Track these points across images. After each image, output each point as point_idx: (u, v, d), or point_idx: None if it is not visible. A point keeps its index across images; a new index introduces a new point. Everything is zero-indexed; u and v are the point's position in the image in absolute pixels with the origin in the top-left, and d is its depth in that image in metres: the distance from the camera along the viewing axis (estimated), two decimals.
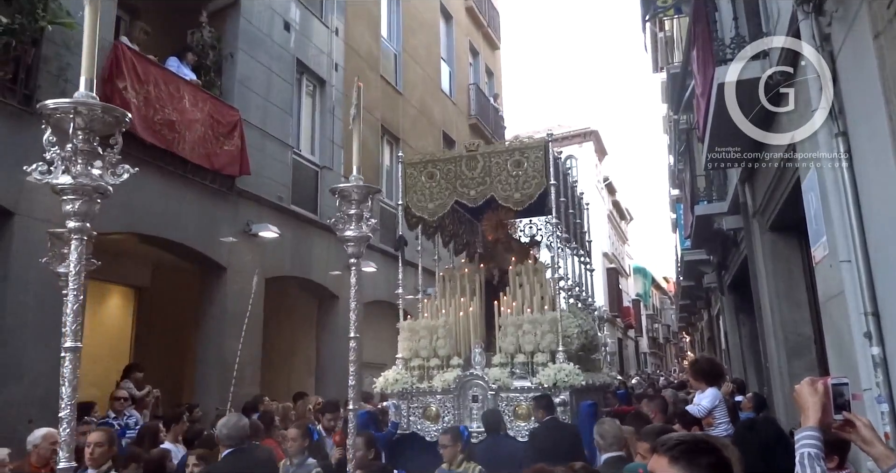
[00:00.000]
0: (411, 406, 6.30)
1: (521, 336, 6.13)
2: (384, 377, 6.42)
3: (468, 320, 6.72)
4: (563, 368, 5.78)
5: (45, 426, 4.97)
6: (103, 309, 9.53)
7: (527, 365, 6.03)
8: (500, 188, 6.53)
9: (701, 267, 14.90)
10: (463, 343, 6.62)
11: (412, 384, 6.27)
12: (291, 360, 11.67)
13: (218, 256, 8.81)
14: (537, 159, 6.50)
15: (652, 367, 45.60)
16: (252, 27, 9.92)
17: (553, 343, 6.02)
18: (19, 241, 6.25)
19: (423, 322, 6.67)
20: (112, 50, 7.32)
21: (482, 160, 6.65)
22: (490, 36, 21.00)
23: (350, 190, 3.51)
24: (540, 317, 6.16)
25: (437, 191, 6.80)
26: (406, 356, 6.51)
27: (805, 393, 1.93)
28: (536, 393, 5.77)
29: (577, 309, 7.31)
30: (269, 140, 10.04)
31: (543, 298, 6.48)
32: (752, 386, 10.79)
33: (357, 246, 3.49)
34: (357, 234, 3.47)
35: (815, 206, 4.65)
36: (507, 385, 5.93)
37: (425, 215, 6.90)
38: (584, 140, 36.14)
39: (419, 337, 6.49)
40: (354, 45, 13.01)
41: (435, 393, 6.19)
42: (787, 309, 7.13)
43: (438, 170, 6.81)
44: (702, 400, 5.44)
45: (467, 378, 6.07)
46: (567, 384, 5.71)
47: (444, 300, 6.98)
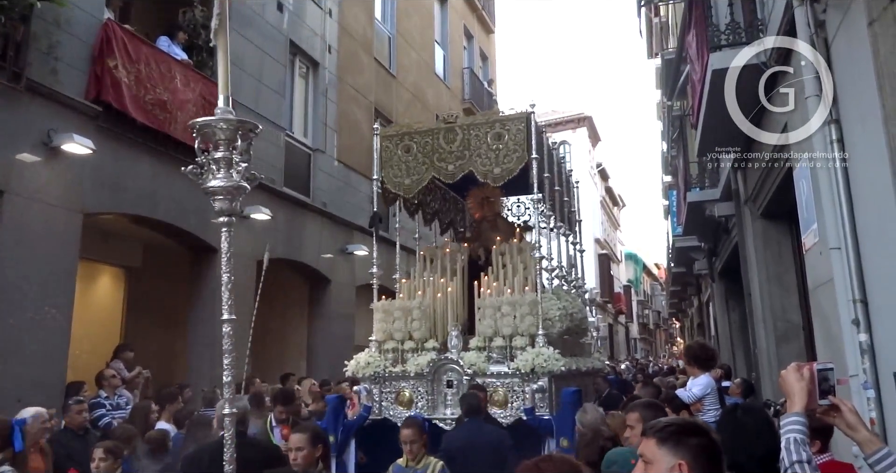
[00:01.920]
0: (383, 391, 6.06)
1: (500, 318, 5.85)
2: (356, 360, 6.19)
3: (447, 301, 6.37)
4: (541, 353, 5.50)
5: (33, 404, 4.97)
6: (94, 289, 9.49)
7: (505, 350, 5.76)
8: (479, 163, 6.16)
9: (692, 253, 14.97)
10: (441, 325, 6.32)
11: (385, 367, 6.03)
12: (283, 342, 11.68)
13: (209, 237, 8.77)
14: (519, 132, 6.10)
15: (642, 353, 45.94)
16: (245, 7, 9.80)
17: (533, 326, 5.72)
18: (9, 220, 6.20)
19: (398, 302, 6.35)
20: (102, 28, 7.23)
21: (461, 133, 6.27)
22: (485, 20, 20.85)
23: (214, 126, 2.60)
24: (519, 299, 5.84)
25: (414, 165, 6.44)
26: (380, 338, 6.25)
27: (791, 378, 1.94)
28: (514, 379, 5.59)
29: (561, 291, 6.96)
30: (261, 121, 9.88)
31: (527, 279, 6.16)
32: (740, 371, 10.89)
33: (228, 199, 2.71)
34: (226, 184, 2.66)
35: (807, 194, 4.67)
36: (482, 370, 5.67)
37: (401, 191, 6.57)
38: (578, 125, 36.07)
39: (393, 319, 6.22)
40: (348, 27, 12.89)
41: (408, 378, 5.95)
42: (777, 296, 7.19)
43: (415, 144, 6.45)
44: (693, 387, 5.46)
45: (442, 362, 5.83)
46: (545, 369, 5.44)
47: (423, 280, 6.64)
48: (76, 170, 6.89)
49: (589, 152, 36.64)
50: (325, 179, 11.54)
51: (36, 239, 6.45)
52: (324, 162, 11.60)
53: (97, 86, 7.10)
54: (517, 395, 5.60)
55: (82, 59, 7.06)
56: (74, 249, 6.92)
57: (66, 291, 6.78)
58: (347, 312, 11.74)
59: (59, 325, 6.63)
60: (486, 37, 21.34)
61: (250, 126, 2.75)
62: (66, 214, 6.81)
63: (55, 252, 6.65)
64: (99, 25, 7.23)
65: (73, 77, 6.94)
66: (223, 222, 2.80)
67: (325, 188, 11.50)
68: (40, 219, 6.51)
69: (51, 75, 6.64)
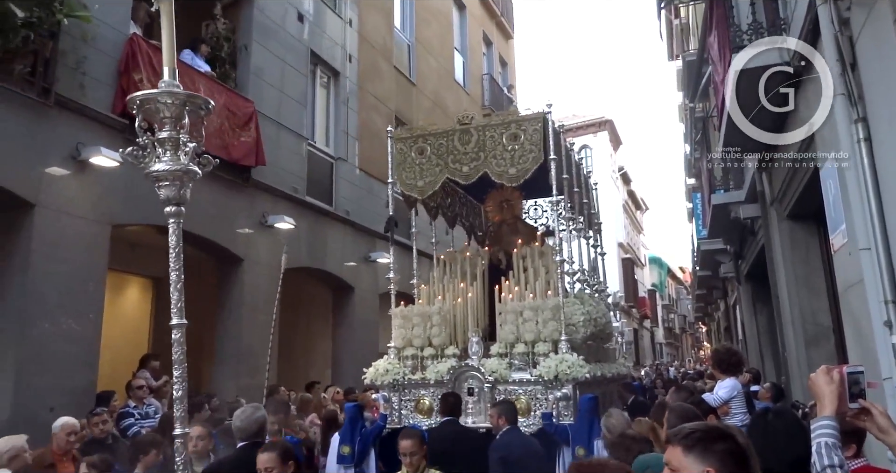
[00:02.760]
0: (403, 399, 5.93)
1: (522, 324, 5.70)
2: (374, 367, 6.05)
3: (467, 306, 6.24)
4: (565, 359, 5.34)
5: (66, 414, 5.06)
6: (122, 299, 9.64)
7: (527, 356, 5.60)
8: (493, 164, 6.05)
9: (717, 256, 14.80)
10: (461, 331, 6.21)
11: (404, 375, 5.90)
12: (308, 350, 11.75)
13: (234, 247, 8.88)
14: (535, 132, 5.99)
15: (668, 358, 45.45)
16: (266, 18, 9.93)
17: (556, 331, 5.57)
18: (40, 233, 6.33)
19: (417, 308, 6.23)
20: (127, 43, 7.36)
21: (476, 134, 6.18)
22: (503, 26, 20.88)
23: (157, 102, 2.27)
24: (541, 303, 5.68)
25: (428, 167, 6.34)
26: (399, 345, 6.14)
27: (820, 381, 1.91)
28: (537, 386, 5.41)
29: (584, 295, 6.79)
30: (283, 131, 10.07)
31: (549, 283, 6.02)
32: (769, 375, 10.73)
33: (175, 185, 2.36)
34: (171, 168, 2.32)
35: (834, 194, 4.60)
36: (504, 377, 5.52)
37: (415, 193, 6.47)
38: (599, 129, 35.93)
39: (412, 325, 6.09)
40: (368, 36, 12.99)
41: (428, 385, 5.80)
42: (806, 298, 7.08)
43: (430, 145, 6.35)
44: (719, 390, 5.41)
45: (462, 369, 5.68)
46: (569, 376, 5.27)
47: (441, 285, 6.51)
48: (104, 183, 7.01)
49: (610, 156, 36.46)
50: (347, 187, 11.62)
51: (66, 251, 6.57)
52: (346, 170, 11.68)
53: (123, 99, 7.23)
54: (540, 403, 5.44)
55: (109, 73, 7.20)
56: (103, 260, 7.04)
57: (95, 301, 6.90)
58: (371, 320, 11.78)
59: (88, 335, 6.74)
60: (505, 42, 21.36)
61: (200, 101, 2.37)
62: (95, 226, 6.93)
63: (84, 263, 6.76)
64: (124, 40, 7.37)
65: (100, 91, 7.08)
66: (170, 212, 2.47)
67: (348, 196, 11.57)
68: (70, 231, 6.63)
69: (78, 90, 6.78)
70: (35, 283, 6.24)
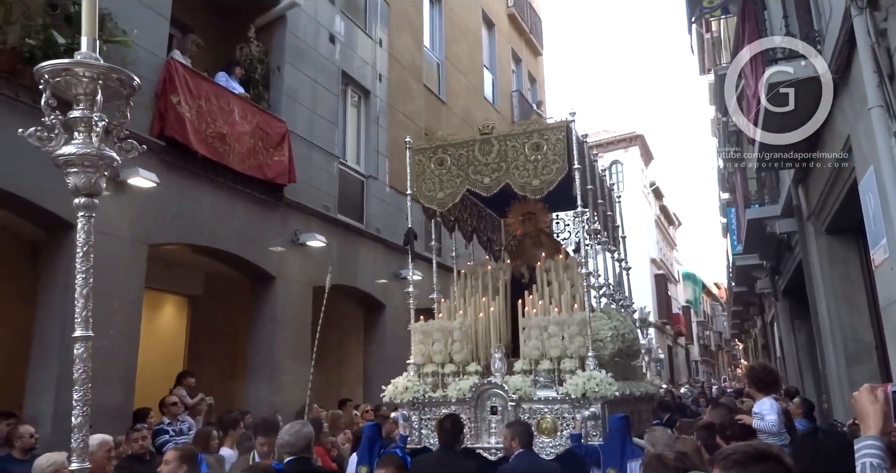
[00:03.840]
0: (423, 418, 5.67)
1: (546, 339, 5.44)
2: (393, 384, 5.84)
3: (489, 321, 6.02)
4: (593, 376, 5.07)
5: (101, 432, 5.13)
6: (158, 317, 9.80)
7: (552, 373, 5.35)
8: (516, 174, 5.83)
9: (753, 272, 14.54)
10: (484, 347, 5.97)
11: (424, 392, 5.67)
12: (339, 368, 11.79)
13: (267, 265, 8.98)
14: (558, 141, 5.77)
15: (704, 375, 44.59)
16: (298, 40, 10.12)
17: (582, 347, 5.31)
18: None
19: (437, 323, 5.99)
20: (165, 66, 7.56)
21: (497, 144, 5.97)
22: (532, 42, 20.96)
23: (70, 74, 1.96)
24: (567, 318, 5.42)
25: (448, 178, 6.14)
26: (418, 361, 5.92)
27: (864, 400, 1.87)
28: (563, 405, 5.15)
29: (611, 310, 6.58)
30: (315, 150, 10.21)
31: (575, 297, 5.77)
32: (809, 394, 10.46)
33: (87, 172, 2.06)
34: (82, 151, 2.03)
35: (874, 207, 4.50)
36: (529, 395, 5.26)
37: (434, 205, 6.27)
38: (630, 144, 35.71)
39: (433, 341, 5.87)
40: (398, 56, 13.15)
41: (449, 404, 5.55)
42: (846, 315, 6.90)
43: (449, 156, 6.16)
44: (764, 412, 5.16)
45: (485, 387, 5.44)
46: (598, 394, 5.01)
47: (462, 299, 6.31)
48: (141, 203, 7.17)
49: (642, 171, 36.18)
50: (377, 205, 11.70)
51: (104, 270, 6.69)
52: (376, 188, 11.78)
53: (161, 121, 7.40)
54: (567, 423, 5.19)
55: (146, 96, 7.38)
56: (140, 279, 7.18)
57: (132, 319, 7.02)
58: (402, 337, 11.69)
59: (126, 353, 6.86)
60: (534, 59, 21.43)
61: (122, 75, 2.07)
62: (133, 245, 7.08)
63: (122, 282, 6.90)
64: (161, 64, 7.56)
65: (139, 114, 7.25)
66: (80, 204, 2.13)
67: (378, 214, 11.66)
68: (108, 251, 6.78)
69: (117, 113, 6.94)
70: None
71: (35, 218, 6.47)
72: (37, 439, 5.35)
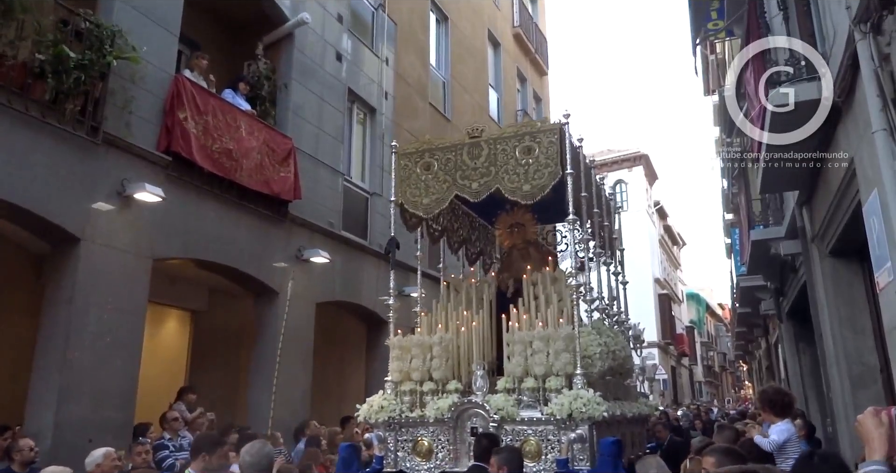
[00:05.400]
0: (399, 439, 5.35)
1: (531, 355, 5.09)
2: (368, 403, 5.52)
3: (471, 336, 5.66)
4: (580, 396, 4.74)
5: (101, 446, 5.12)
6: (161, 331, 9.79)
7: (537, 392, 5.01)
8: (506, 179, 5.49)
9: (758, 293, 14.48)
10: (466, 364, 5.64)
11: (400, 412, 5.35)
12: (341, 384, 11.74)
13: (270, 281, 8.99)
14: (551, 144, 5.44)
15: (708, 397, 44.25)
16: (305, 58, 10.21)
17: (569, 364, 4.96)
18: (85, 266, 6.50)
19: (416, 338, 5.66)
20: (173, 82, 7.63)
21: (486, 147, 5.66)
22: (538, 62, 21.11)
23: None
24: (553, 333, 5.07)
25: (434, 184, 5.82)
26: (395, 379, 5.58)
27: (869, 424, 1.86)
28: (548, 426, 4.83)
29: (602, 326, 6.13)
30: (320, 167, 10.26)
31: (562, 311, 5.45)
32: (814, 417, 10.38)
33: None
34: None
35: (878, 230, 4.50)
36: (511, 415, 4.94)
37: (420, 211, 5.92)
38: (634, 164, 35.80)
39: (410, 357, 5.53)
40: (404, 74, 13.26)
41: (427, 424, 5.23)
42: (851, 338, 6.86)
43: (436, 160, 5.85)
44: (771, 433, 5.10)
45: (464, 406, 5.11)
46: (585, 415, 4.68)
47: (444, 313, 5.96)
48: (147, 217, 7.21)
49: (646, 191, 36.23)
50: (381, 222, 11.72)
51: (108, 284, 6.73)
52: (381, 205, 11.80)
53: (168, 137, 7.46)
54: (552, 445, 4.86)
55: (154, 111, 7.45)
56: (144, 293, 7.19)
57: (135, 333, 7.02)
58: None
59: (127, 367, 6.85)
60: (540, 79, 21.56)
61: None
62: (137, 259, 7.10)
63: (126, 296, 6.91)
64: (169, 80, 7.64)
65: (146, 129, 7.32)
66: None
67: (382, 231, 11.66)
68: (113, 265, 6.80)
69: (125, 128, 7.02)
70: (79, 315, 6.39)
71: (41, 231, 6.51)
72: (37, 452, 5.34)
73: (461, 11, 16.27)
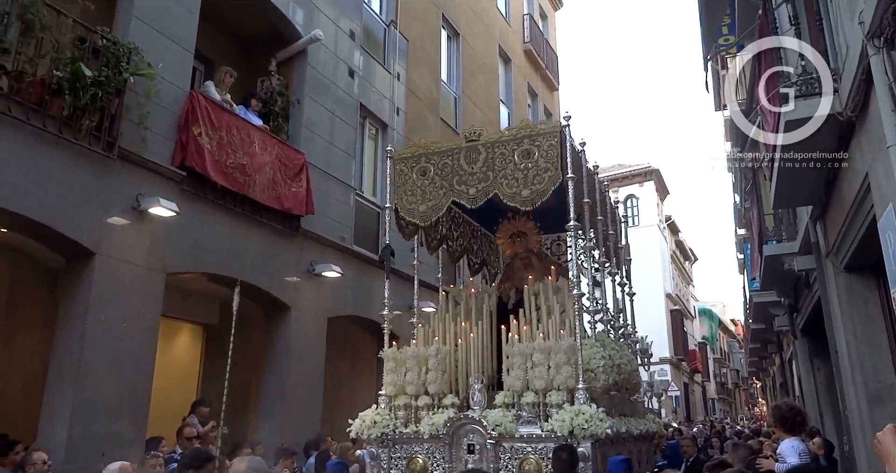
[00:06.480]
0: (393, 456, 5.15)
1: (531, 368, 4.87)
2: (361, 418, 5.35)
3: (469, 349, 5.43)
4: (582, 411, 4.55)
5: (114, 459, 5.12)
6: (174, 345, 9.82)
7: (537, 407, 4.80)
8: (504, 184, 5.29)
9: (771, 309, 14.36)
10: (464, 378, 5.41)
11: (394, 427, 5.17)
12: (353, 398, 11.70)
13: (283, 295, 9.01)
14: (551, 148, 5.22)
15: (721, 413, 43.77)
16: (318, 74, 10.31)
17: (571, 378, 4.73)
18: (99, 280, 6.54)
19: (411, 350, 5.47)
20: (188, 98, 7.72)
21: (484, 151, 5.45)
22: (548, 78, 21.19)
23: None
24: (553, 345, 4.85)
25: (431, 189, 5.62)
26: (390, 393, 5.39)
27: (888, 441, 1.84)
28: (548, 443, 4.59)
29: (607, 338, 5.91)
30: (332, 182, 10.32)
31: (565, 322, 5.22)
32: (829, 434, 10.23)
33: None
34: None
35: (894, 246, 4.46)
36: (510, 431, 4.72)
37: (416, 219, 5.74)
38: (646, 179, 35.73)
39: (405, 370, 5.33)
40: (415, 90, 13.34)
41: (422, 440, 5.05)
42: (867, 354, 6.78)
43: (433, 165, 5.66)
44: (787, 456, 5.03)
45: (461, 421, 4.90)
46: (587, 432, 4.47)
47: (442, 324, 5.77)
48: (161, 232, 7.26)
49: (657, 206, 36.13)
50: (393, 237, 11.73)
51: (122, 298, 6.77)
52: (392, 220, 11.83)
53: (182, 152, 7.54)
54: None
55: (169, 127, 7.53)
56: (157, 307, 7.23)
57: (148, 347, 7.05)
58: None
59: (140, 381, 6.87)
60: (550, 94, 21.64)
61: None
62: (151, 274, 7.14)
63: (139, 310, 6.95)
64: (184, 96, 7.73)
65: (161, 145, 7.40)
66: None
67: (394, 245, 11.67)
68: (127, 279, 6.85)
69: (140, 143, 7.10)
70: (93, 329, 6.42)
71: (55, 245, 6.57)
72: (50, 466, 5.35)
73: (472, 28, 16.40)
